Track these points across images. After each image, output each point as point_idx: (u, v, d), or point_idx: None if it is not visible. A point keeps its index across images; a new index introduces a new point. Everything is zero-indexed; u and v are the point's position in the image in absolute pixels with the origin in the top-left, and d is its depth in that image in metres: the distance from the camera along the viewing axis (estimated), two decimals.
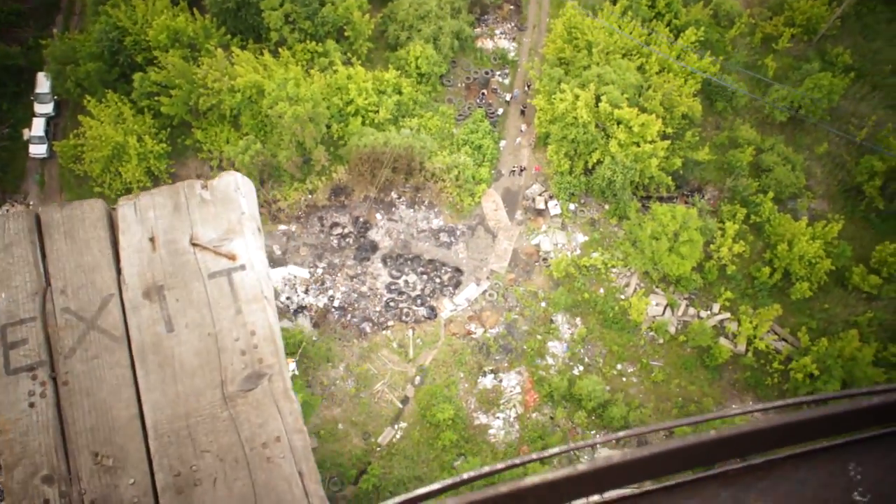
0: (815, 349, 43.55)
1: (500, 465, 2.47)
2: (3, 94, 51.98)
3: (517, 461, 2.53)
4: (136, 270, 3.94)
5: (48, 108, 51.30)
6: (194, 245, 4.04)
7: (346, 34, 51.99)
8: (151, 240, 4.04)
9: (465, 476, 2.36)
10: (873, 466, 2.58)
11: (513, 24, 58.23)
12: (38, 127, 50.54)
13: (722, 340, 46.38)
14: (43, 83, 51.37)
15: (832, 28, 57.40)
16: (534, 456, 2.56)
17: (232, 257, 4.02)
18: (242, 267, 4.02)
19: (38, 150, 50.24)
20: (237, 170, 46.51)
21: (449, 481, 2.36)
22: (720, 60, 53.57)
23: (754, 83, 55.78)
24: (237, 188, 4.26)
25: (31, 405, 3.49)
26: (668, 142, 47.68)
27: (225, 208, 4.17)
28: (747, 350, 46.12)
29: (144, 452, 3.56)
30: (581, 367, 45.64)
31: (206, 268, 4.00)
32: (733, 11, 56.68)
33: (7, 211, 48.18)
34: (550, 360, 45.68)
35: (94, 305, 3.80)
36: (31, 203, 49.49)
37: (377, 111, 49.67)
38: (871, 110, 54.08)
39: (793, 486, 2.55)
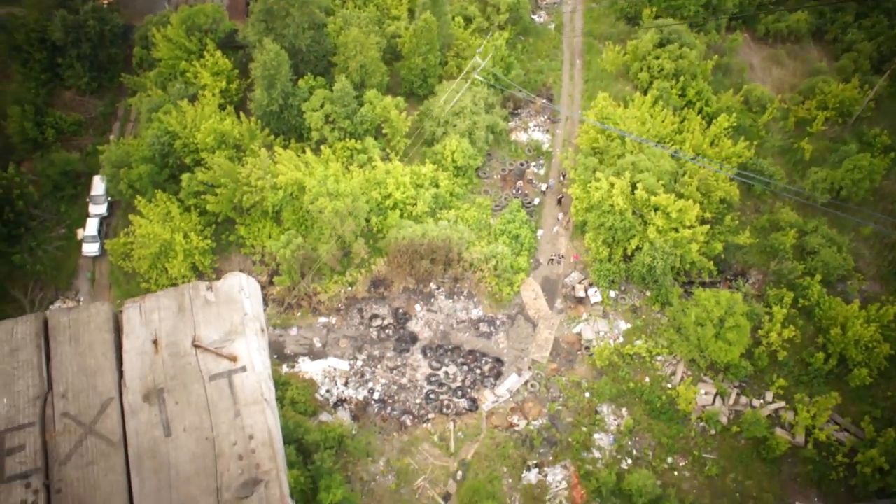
0: (882, 440, 40.98)
1: None
2: (62, 198, 54.78)
3: None
4: (137, 373, 3.93)
5: (102, 209, 53.75)
6: (196, 347, 4.02)
7: (383, 131, 53.88)
8: (155, 342, 4.04)
9: None
10: None
11: (546, 117, 59.66)
12: (91, 227, 52.84)
13: (778, 431, 44.08)
14: (98, 186, 54.07)
15: (867, 110, 57.33)
16: None
17: (233, 358, 3.99)
18: (243, 368, 3.97)
19: (90, 248, 52.32)
20: (279, 263, 47.64)
21: None
22: (755, 145, 53.63)
23: (791, 166, 55.50)
24: (241, 289, 4.27)
25: None
26: (708, 226, 47.25)
27: (228, 309, 4.17)
28: (807, 441, 43.67)
29: None
30: (629, 461, 43.68)
31: (207, 370, 3.97)
32: (764, 97, 57.21)
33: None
34: (597, 453, 43.90)
35: (94, 409, 3.77)
36: (82, 300, 51.02)
37: (415, 204, 50.67)
38: None
39: None
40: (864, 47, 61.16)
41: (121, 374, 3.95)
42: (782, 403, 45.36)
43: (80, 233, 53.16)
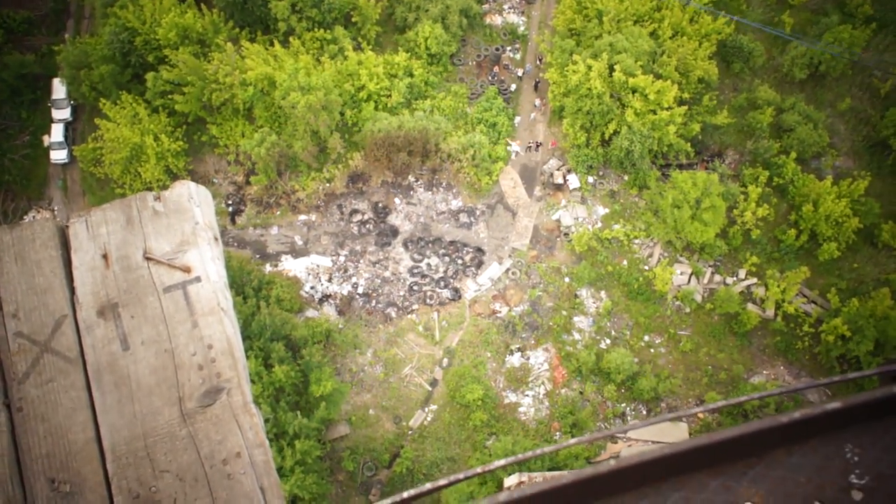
0: (845, 310, 42.67)
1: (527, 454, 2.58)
2: (21, 103, 52.73)
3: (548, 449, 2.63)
4: (89, 289, 3.88)
5: (66, 114, 51.94)
6: (148, 259, 3.96)
7: (353, 20, 51.69)
8: (104, 256, 3.97)
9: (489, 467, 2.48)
10: (871, 447, 2.48)
11: None
12: (57, 133, 51.23)
13: (750, 306, 45.69)
14: (59, 89, 51.97)
15: None
16: (572, 441, 2.64)
17: (187, 269, 3.94)
18: (198, 279, 3.94)
19: (58, 155, 50.97)
20: (254, 162, 46.93)
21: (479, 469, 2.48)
22: (734, 20, 52.20)
23: (771, 41, 54.33)
24: (191, 198, 4.17)
25: None
26: (686, 107, 46.74)
27: (179, 219, 4.08)
28: (776, 315, 45.41)
29: (102, 476, 3.52)
30: (608, 341, 45.37)
31: (161, 282, 3.93)
32: None
33: (34, 217, 49.07)
34: (577, 336, 45.47)
35: (48, 328, 3.75)
36: (56, 209, 50.31)
37: (389, 95, 49.44)
38: (895, 61, 52.36)
39: (786, 471, 2.45)
40: None
41: (72, 290, 3.90)
42: (754, 280, 46.76)
43: (46, 139, 51.58)
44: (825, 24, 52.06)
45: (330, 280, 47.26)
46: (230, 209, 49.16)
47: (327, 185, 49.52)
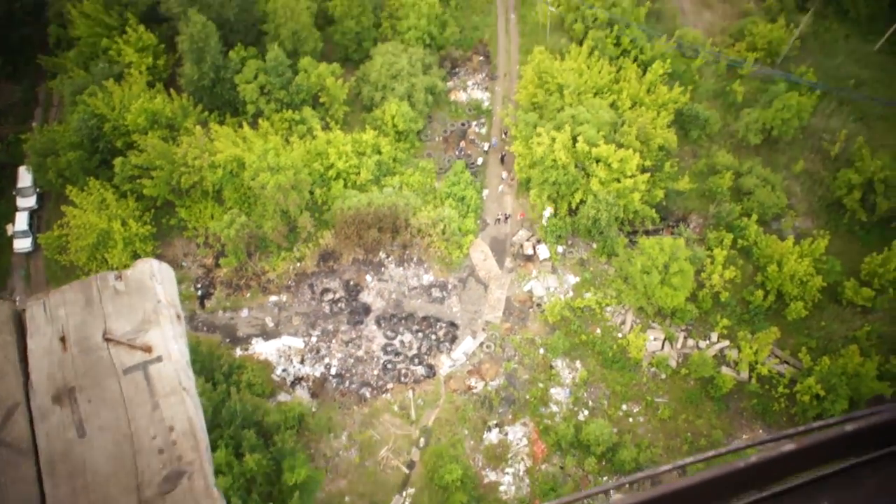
0: (818, 369, 43.02)
1: None
2: None
3: None
4: (45, 374, 3.73)
5: (31, 202, 51.52)
6: (107, 340, 3.83)
7: (321, 100, 52.82)
8: (62, 339, 3.83)
9: None
10: (848, 499, 2.47)
11: (484, 75, 59.34)
12: (21, 221, 50.65)
13: (724, 369, 45.80)
14: (24, 177, 51.73)
15: (793, 49, 58.72)
16: None
17: (147, 349, 3.82)
18: (159, 358, 3.81)
19: (22, 244, 50.19)
20: (224, 244, 46.63)
21: None
22: (689, 90, 54.50)
23: (725, 108, 56.67)
24: (153, 275, 4.08)
25: None
26: (648, 175, 48.04)
27: (140, 298, 3.98)
28: (751, 377, 45.54)
29: None
30: (586, 412, 44.85)
31: (121, 363, 3.79)
32: (696, 42, 57.94)
33: None
34: (554, 408, 44.89)
35: None
36: (17, 299, 49.12)
37: (358, 173, 50.06)
38: (841, 125, 54.85)
39: None
40: None
41: (27, 376, 3.73)
42: (726, 342, 47.06)
43: (10, 228, 50.87)
44: (774, 92, 54.53)
45: (302, 362, 46.40)
46: (199, 293, 48.50)
47: (298, 264, 49.34)
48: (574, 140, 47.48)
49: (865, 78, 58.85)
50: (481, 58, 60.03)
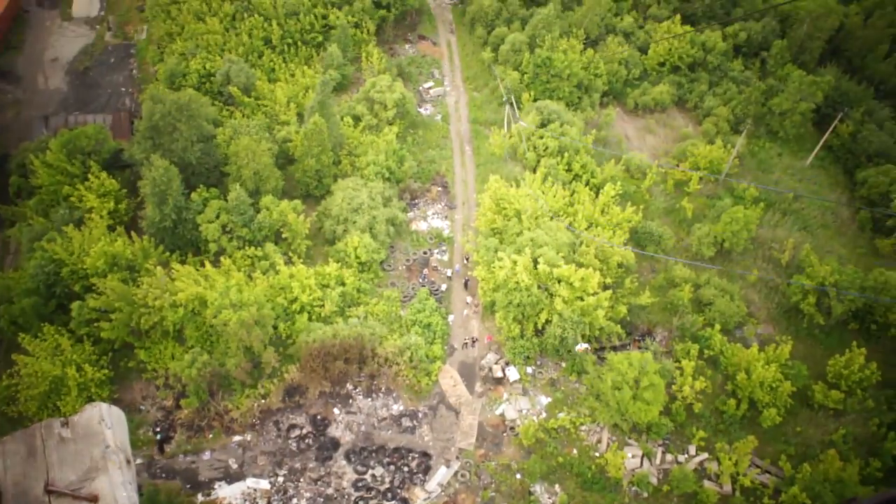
0: (800, 476, 42.32)
1: None
2: None
3: None
4: None
5: None
6: (50, 492, 3.61)
7: (283, 235, 53.39)
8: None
9: None
10: None
11: (443, 204, 61.07)
12: None
13: (706, 483, 44.67)
14: None
15: (733, 167, 62.25)
16: None
17: (93, 499, 3.59)
18: None
19: None
20: (185, 384, 45.12)
21: None
22: (641, 209, 56.77)
23: (677, 224, 58.93)
24: (102, 420, 3.90)
25: None
26: (610, 291, 48.89)
27: (87, 444, 3.79)
28: (734, 489, 44.41)
29: None
30: None
31: None
32: (643, 164, 61.04)
33: None
34: None
35: None
36: None
37: (322, 305, 49.86)
38: (787, 234, 57.37)
39: None
40: (720, 112, 67.02)
41: None
42: (705, 455, 46.22)
43: None
44: (720, 207, 57.10)
45: None
46: (158, 436, 46.28)
47: (262, 401, 47.81)
48: (535, 262, 48.46)
49: (802, 190, 62.45)
50: (440, 188, 62.04)
